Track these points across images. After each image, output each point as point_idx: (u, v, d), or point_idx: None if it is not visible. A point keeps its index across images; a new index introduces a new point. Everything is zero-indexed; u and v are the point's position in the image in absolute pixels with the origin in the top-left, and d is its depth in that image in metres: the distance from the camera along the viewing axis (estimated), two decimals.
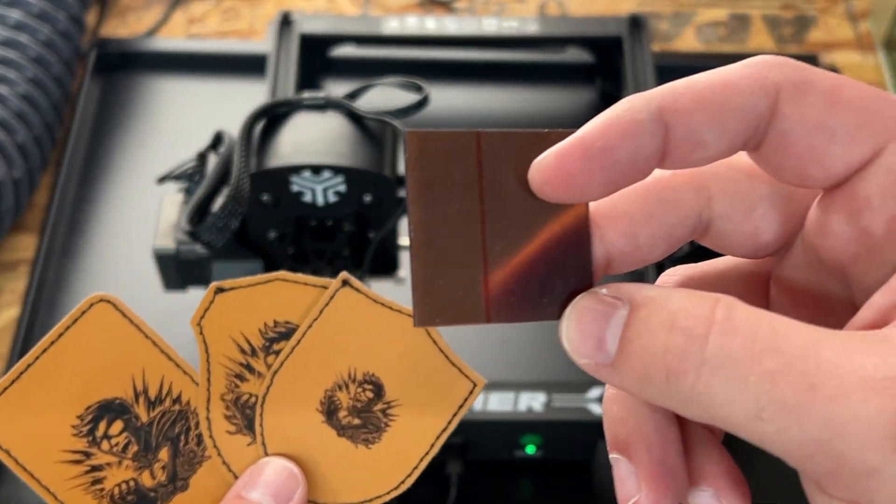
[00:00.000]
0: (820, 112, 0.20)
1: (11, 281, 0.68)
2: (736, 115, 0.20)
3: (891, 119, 0.20)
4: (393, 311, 0.28)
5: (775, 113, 0.21)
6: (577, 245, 0.22)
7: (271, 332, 0.29)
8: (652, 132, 0.20)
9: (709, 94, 0.21)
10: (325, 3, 0.85)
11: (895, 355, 0.18)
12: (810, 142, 0.20)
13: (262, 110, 0.50)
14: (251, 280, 0.29)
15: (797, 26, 0.84)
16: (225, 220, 0.48)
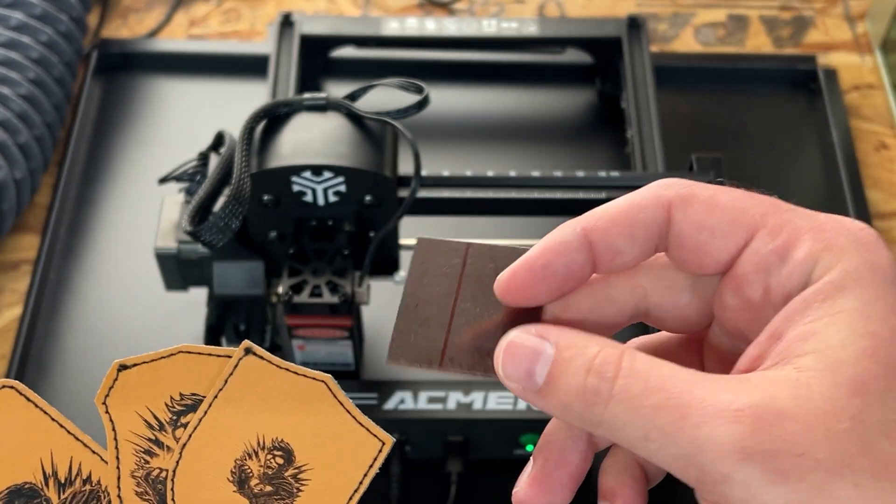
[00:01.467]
0: (702, 216, 0.27)
1: (13, 281, 0.68)
2: (642, 228, 0.27)
3: (757, 214, 0.27)
4: (298, 375, 0.28)
5: (669, 221, 0.27)
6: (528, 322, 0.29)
7: (178, 405, 0.29)
8: (579, 249, 0.27)
9: (619, 214, 0.27)
10: (325, 5, 0.85)
11: (747, 392, 0.24)
12: (697, 239, 0.27)
13: (263, 111, 0.50)
14: (154, 355, 0.29)
15: (795, 27, 0.85)
16: (226, 220, 0.48)
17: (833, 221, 0.28)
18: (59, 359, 0.64)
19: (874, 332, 0.25)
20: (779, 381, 0.24)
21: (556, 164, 0.74)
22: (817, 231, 0.27)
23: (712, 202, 0.27)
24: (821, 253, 0.27)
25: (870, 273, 0.26)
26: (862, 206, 0.72)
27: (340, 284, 0.52)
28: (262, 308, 0.56)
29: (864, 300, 0.25)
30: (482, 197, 0.56)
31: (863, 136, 0.77)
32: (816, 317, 0.25)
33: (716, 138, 0.77)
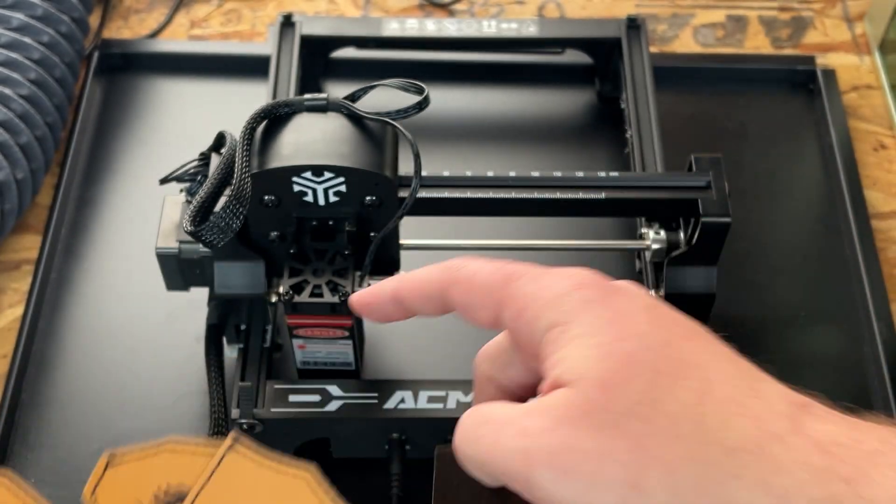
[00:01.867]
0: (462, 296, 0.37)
1: (15, 280, 0.68)
2: (428, 298, 0.38)
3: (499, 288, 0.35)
4: (280, 472, 0.28)
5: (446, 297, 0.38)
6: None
7: (165, 496, 0.29)
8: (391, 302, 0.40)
9: (415, 286, 0.39)
10: (326, 5, 0.85)
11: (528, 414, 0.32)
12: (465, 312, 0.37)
13: (263, 111, 0.51)
14: (141, 452, 0.29)
15: (794, 28, 0.85)
16: (227, 221, 0.48)
17: (552, 275, 0.35)
18: (61, 358, 0.64)
19: (601, 344, 0.32)
20: (549, 401, 0.32)
21: (555, 165, 0.75)
22: (538, 292, 0.34)
23: (469, 283, 0.36)
24: (542, 301, 0.34)
25: (581, 305, 0.33)
26: (860, 206, 0.72)
27: (341, 284, 0.52)
28: (263, 308, 0.57)
29: (586, 328, 0.32)
30: (482, 197, 0.56)
31: (861, 137, 0.78)
32: (564, 348, 0.32)
33: (715, 138, 0.77)
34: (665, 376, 0.31)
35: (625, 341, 0.32)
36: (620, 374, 0.31)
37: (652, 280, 0.62)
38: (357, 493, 0.59)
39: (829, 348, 0.66)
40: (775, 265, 0.70)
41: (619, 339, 0.32)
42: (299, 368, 0.58)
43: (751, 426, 0.30)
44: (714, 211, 0.55)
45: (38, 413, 0.62)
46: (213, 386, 0.58)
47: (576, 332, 0.32)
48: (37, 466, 0.60)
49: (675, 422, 0.30)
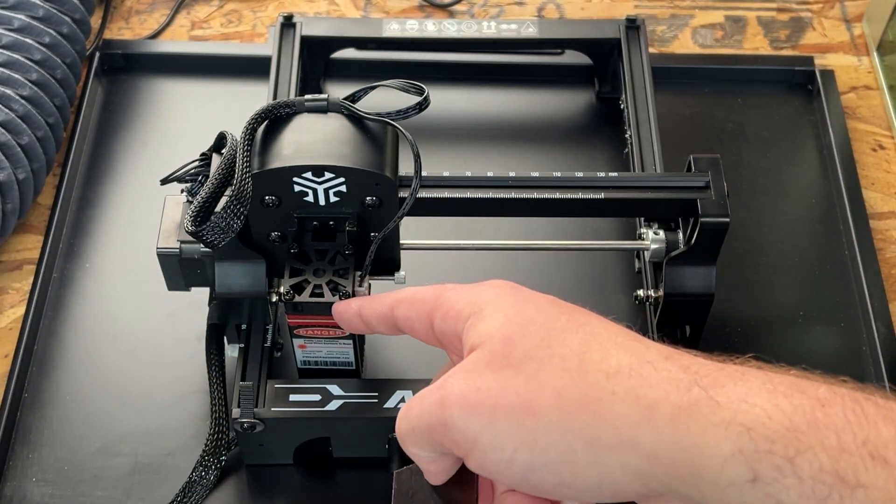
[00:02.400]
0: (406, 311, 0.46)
1: (16, 280, 0.69)
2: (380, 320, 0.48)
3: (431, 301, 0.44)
4: None
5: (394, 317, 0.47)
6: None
7: None
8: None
9: (379, 310, 0.48)
10: (326, 6, 0.86)
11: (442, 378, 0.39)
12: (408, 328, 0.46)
13: (264, 112, 0.51)
14: None
15: (792, 28, 0.85)
16: (228, 221, 0.48)
17: (474, 284, 0.42)
18: (62, 358, 0.65)
19: (506, 315, 0.39)
20: (461, 363, 0.39)
21: (555, 165, 0.75)
22: (462, 295, 0.42)
23: (410, 301, 0.44)
24: (464, 302, 0.41)
25: (495, 295, 0.41)
26: (859, 206, 0.72)
27: (341, 284, 0.53)
28: (264, 307, 0.57)
29: (496, 306, 0.40)
30: (482, 197, 0.56)
31: (860, 137, 0.78)
32: (476, 326, 0.40)
33: (714, 139, 0.77)
34: (557, 331, 0.38)
35: (524, 311, 0.39)
36: (519, 332, 0.38)
37: (651, 280, 0.62)
38: (357, 493, 0.59)
39: (828, 348, 0.66)
40: (774, 265, 0.70)
41: (520, 311, 0.39)
42: (300, 368, 0.59)
43: (627, 357, 0.36)
44: (713, 211, 0.56)
45: (40, 412, 0.62)
46: (213, 385, 0.59)
47: (487, 312, 0.40)
48: (38, 466, 0.60)
49: (564, 359, 0.37)
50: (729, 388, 0.34)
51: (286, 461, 0.59)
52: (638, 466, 0.35)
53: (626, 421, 0.35)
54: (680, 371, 0.35)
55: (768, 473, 0.32)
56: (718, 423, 0.33)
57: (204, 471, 0.58)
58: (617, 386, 0.35)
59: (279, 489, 0.59)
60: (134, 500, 0.59)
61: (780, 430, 0.32)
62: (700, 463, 0.33)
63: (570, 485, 0.36)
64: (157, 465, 0.60)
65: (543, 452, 0.36)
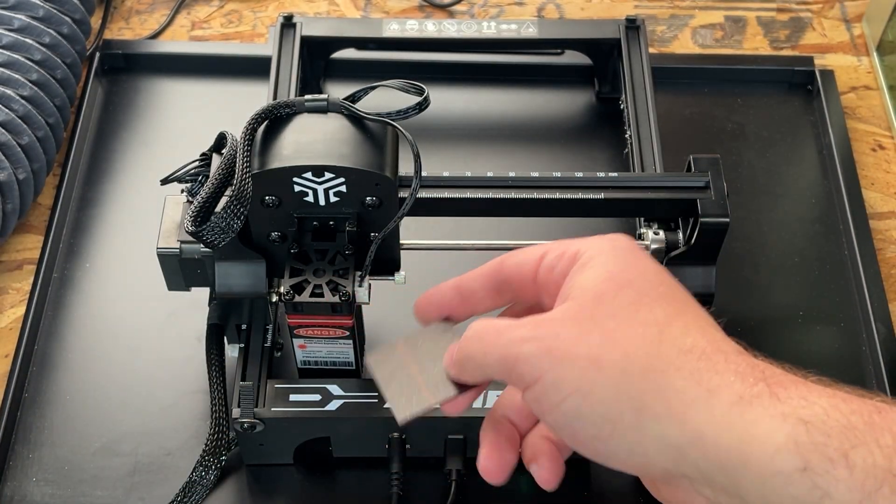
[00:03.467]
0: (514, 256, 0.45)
1: (17, 280, 0.69)
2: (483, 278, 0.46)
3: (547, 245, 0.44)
4: None
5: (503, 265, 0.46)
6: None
7: None
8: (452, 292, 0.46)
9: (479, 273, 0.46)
10: (326, 6, 0.86)
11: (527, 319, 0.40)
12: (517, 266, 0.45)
13: (264, 112, 0.51)
14: None
15: (792, 29, 0.85)
16: (228, 221, 0.48)
17: (595, 237, 0.43)
18: (62, 358, 0.65)
19: (609, 271, 0.40)
20: (550, 312, 0.40)
21: (555, 165, 0.75)
22: (581, 242, 0.42)
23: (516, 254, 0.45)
24: (582, 247, 0.42)
25: (610, 248, 0.41)
26: (858, 206, 0.72)
27: (341, 284, 0.53)
28: (264, 307, 0.57)
29: (603, 260, 0.41)
30: (482, 197, 0.56)
31: (859, 137, 0.78)
32: (577, 275, 0.41)
33: (713, 139, 0.77)
34: (649, 298, 0.39)
35: (626, 272, 0.40)
36: (612, 291, 0.39)
37: None
38: (357, 492, 0.59)
39: (828, 348, 0.66)
40: (774, 265, 0.70)
41: (622, 270, 0.40)
42: (300, 368, 0.59)
43: (704, 341, 0.37)
44: (713, 211, 0.56)
45: (40, 412, 0.62)
46: (214, 385, 0.59)
47: (592, 265, 0.40)
48: (38, 465, 0.60)
49: (645, 325, 0.38)
50: (791, 389, 0.35)
51: (286, 461, 0.59)
52: (678, 443, 0.36)
53: (682, 397, 0.36)
54: (748, 367, 0.36)
55: (820, 465, 0.32)
56: (776, 415, 0.34)
57: (204, 471, 0.58)
58: (685, 363, 0.36)
59: (279, 489, 0.59)
60: (134, 500, 0.59)
61: (836, 427, 0.33)
62: (749, 449, 0.34)
63: (604, 441, 0.37)
64: (157, 465, 0.60)
65: (593, 404, 0.37)
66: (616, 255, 0.41)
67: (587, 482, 0.60)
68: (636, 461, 0.37)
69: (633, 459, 0.37)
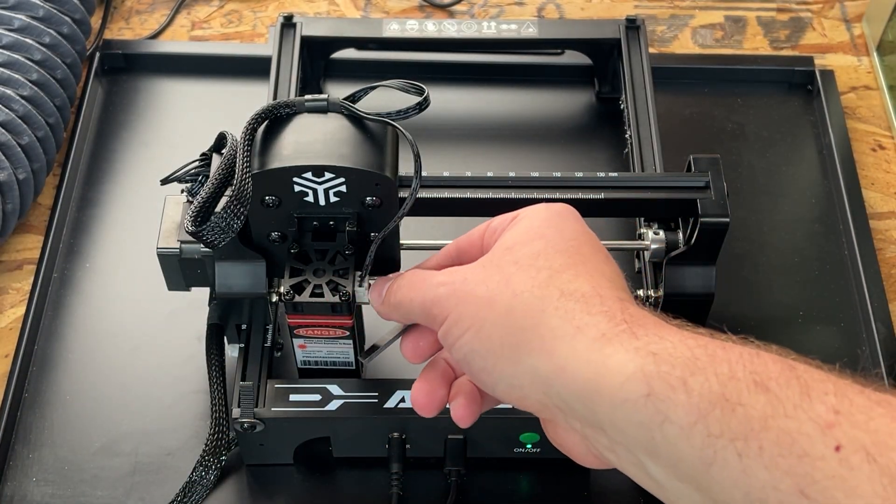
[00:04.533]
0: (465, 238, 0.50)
1: (17, 280, 0.69)
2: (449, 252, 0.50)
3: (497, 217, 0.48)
4: None
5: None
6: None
7: None
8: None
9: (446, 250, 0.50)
10: (326, 6, 0.86)
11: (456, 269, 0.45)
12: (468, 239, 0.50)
13: (264, 112, 0.51)
14: None
15: (792, 29, 0.85)
16: (228, 221, 0.48)
17: (538, 205, 0.46)
18: (62, 358, 0.65)
19: (530, 227, 0.44)
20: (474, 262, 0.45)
21: (555, 165, 0.75)
22: (525, 208, 0.46)
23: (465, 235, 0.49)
24: (522, 211, 0.45)
25: (543, 210, 0.45)
26: (858, 206, 0.72)
27: (341, 284, 0.53)
28: (264, 307, 0.57)
29: (531, 219, 0.44)
30: (482, 197, 0.56)
31: (859, 137, 0.78)
32: (506, 231, 0.45)
33: (713, 139, 0.77)
34: (554, 249, 0.42)
35: (544, 228, 0.43)
36: (523, 242, 0.43)
37: (651, 280, 0.62)
38: (357, 492, 0.59)
39: (827, 348, 0.66)
40: (773, 265, 0.70)
41: (543, 227, 0.44)
42: (300, 368, 0.59)
43: (588, 286, 0.41)
44: (713, 211, 0.56)
45: (40, 412, 0.62)
46: (214, 385, 0.59)
47: (519, 223, 0.45)
48: (38, 465, 0.60)
49: (538, 270, 0.41)
50: (651, 328, 0.38)
51: (286, 461, 0.59)
52: (546, 375, 0.39)
53: (554, 333, 0.39)
54: (619, 310, 0.39)
55: (662, 391, 0.35)
56: (630, 349, 0.37)
57: (204, 471, 0.58)
58: (563, 304, 0.40)
59: (279, 489, 0.59)
60: (134, 500, 0.59)
61: (681, 358, 0.36)
62: (603, 380, 0.37)
63: (489, 373, 0.42)
64: (157, 465, 0.60)
65: (482, 339, 0.41)
66: (544, 216, 0.45)
67: (587, 482, 0.60)
68: (515, 394, 0.41)
69: (513, 392, 0.41)
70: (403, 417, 0.56)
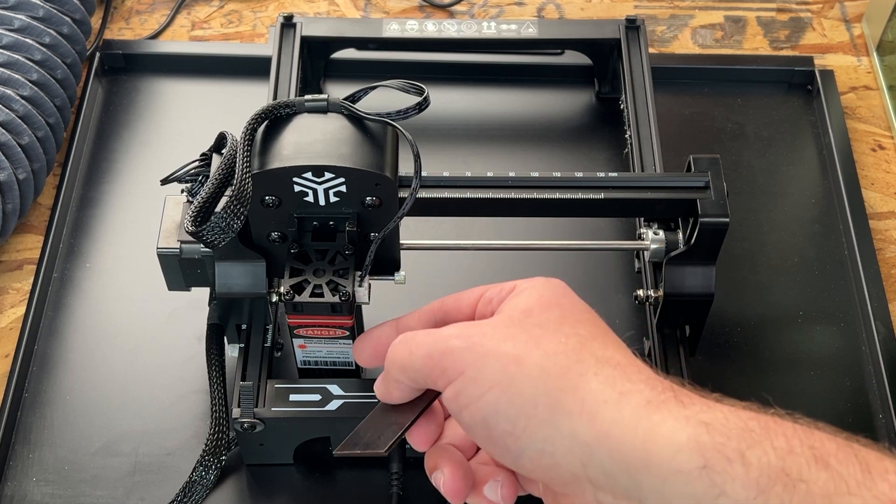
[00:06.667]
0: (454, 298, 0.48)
1: (17, 280, 0.69)
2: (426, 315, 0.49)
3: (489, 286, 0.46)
4: None
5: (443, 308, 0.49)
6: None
7: None
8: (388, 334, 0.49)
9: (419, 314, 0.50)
10: (326, 7, 0.86)
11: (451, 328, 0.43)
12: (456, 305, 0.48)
13: (264, 112, 0.51)
14: None
15: (792, 29, 0.85)
16: (228, 221, 0.48)
17: (536, 278, 0.45)
18: (62, 358, 0.65)
19: (540, 295, 0.43)
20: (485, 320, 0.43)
21: (554, 165, 0.75)
22: (521, 280, 0.45)
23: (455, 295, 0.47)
24: (520, 282, 0.44)
25: (544, 282, 0.44)
26: (858, 206, 0.72)
27: (341, 284, 0.53)
28: (264, 307, 0.57)
29: (536, 289, 0.43)
30: (482, 197, 0.56)
31: (859, 138, 0.78)
32: (511, 299, 0.43)
33: (713, 139, 0.77)
34: (574, 319, 0.42)
35: (556, 298, 0.43)
36: (541, 307, 0.42)
37: (651, 280, 0.62)
38: (357, 492, 0.59)
39: (827, 348, 0.66)
40: (773, 265, 0.70)
41: (553, 296, 0.43)
42: (300, 368, 0.59)
43: (620, 356, 0.40)
44: (713, 211, 0.56)
45: (40, 412, 0.62)
46: (214, 385, 0.59)
47: (527, 292, 0.43)
48: (38, 465, 0.60)
49: (567, 336, 0.40)
50: (696, 398, 0.37)
51: (286, 461, 0.59)
52: (587, 441, 0.37)
53: (595, 397, 0.37)
54: (658, 380, 0.39)
55: (718, 463, 0.34)
56: (680, 417, 0.36)
57: (204, 471, 0.58)
58: (601, 370, 0.39)
59: (279, 489, 0.59)
60: (134, 500, 0.59)
61: (735, 429, 0.35)
62: (653, 448, 0.35)
63: (517, 438, 0.39)
64: (157, 465, 0.60)
65: (511, 398, 0.39)
66: (547, 287, 0.44)
67: None
68: (545, 461, 0.38)
69: (543, 459, 0.38)
70: None
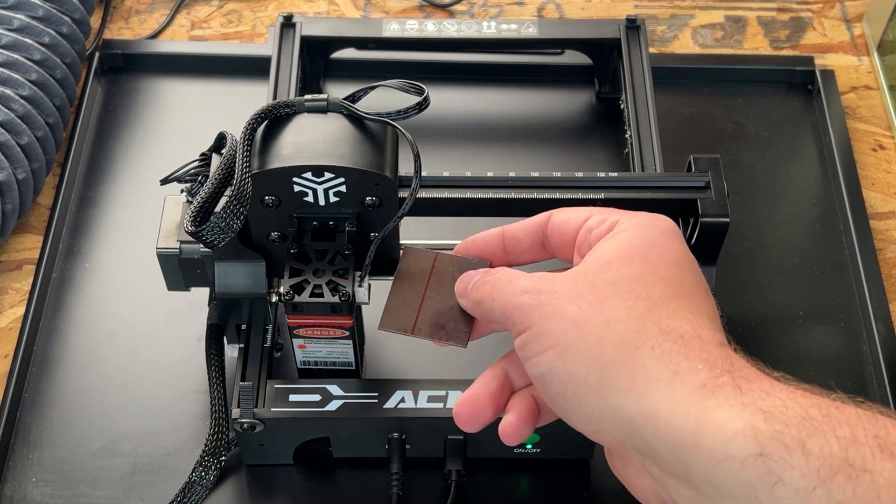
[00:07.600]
0: (561, 214, 0.46)
1: (16, 281, 0.69)
2: (531, 228, 0.47)
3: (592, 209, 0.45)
4: None
5: (548, 223, 0.46)
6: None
7: None
8: (498, 238, 0.48)
9: (522, 223, 0.47)
10: (326, 6, 0.86)
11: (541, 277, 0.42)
12: (561, 224, 0.46)
13: (264, 112, 0.51)
14: None
15: (793, 29, 0.85)
16: (227, 221, 0.48)
17: (641, 213, 0.44)
18: (62, 358, 0.65)
19: (630, 243, 0.41)
20: (568, 270, 0.42)
21: (555, 165, 0.75)
22: (626, 214, 0.43)
23: (565, 211, 0.46)
24: (623, 217, 0.43)
25: (645, 224, 0.42)
26: (859, 206, 0.72)
27: (341, 284, 0.53)
28: (264, 307, 0.57)
29: (631, 233, 0.42)
30: (482, 197, 0.56)
31: (860, 137, 0.78)
32: (604, 242, 0.42)
33: (713, 139, 0.77)
34: (655, 276, 0.40)
35: (648, 248, 0.41)
36: (621, 261, 0.40)
37: None
38: (357, 492, 0.59)
39: (828, 348, 0.66)
40: (774, 265, 0.70)
41: (644, 245, 0.41)
42: (300, 368, 0.59)
43: (687, 326, 0.38)
44: (713, 211, 0.56)
45: (40, 412, 0.62)
46: (213, 385, 0.59)
47: (624, 233, 0.42)
48: (38, 466, 0.60)
49: (636, 300, 0.39)
50: (755, 383, 0.36)
51: (286, 461, 0.59)
52: (632, 416, 0.37)
53: (647, 374, 0.37)
54: (720, 358, 0.37)
55: (776, 451, 0.33)
56: (736, 404, 0.35)
57: (204, 471, 0.58)
58: (660, 343, 0.37)
59: (279, 489, 0.59)
60: (134, 500, 0.59)
61: (795, 417, 0.33)
62: (704, 433, 0.34)
63: (567, 399, 0.39)
64: (157, 465, 0.60)
65: (565, 362, 0.39)
66: (645, 231, 0.42)
67: (587, 482, 0.60)
68: (592, 426, 0.39)
69: (590, 424, 0.39)
70: (403, 417, 0.56)
